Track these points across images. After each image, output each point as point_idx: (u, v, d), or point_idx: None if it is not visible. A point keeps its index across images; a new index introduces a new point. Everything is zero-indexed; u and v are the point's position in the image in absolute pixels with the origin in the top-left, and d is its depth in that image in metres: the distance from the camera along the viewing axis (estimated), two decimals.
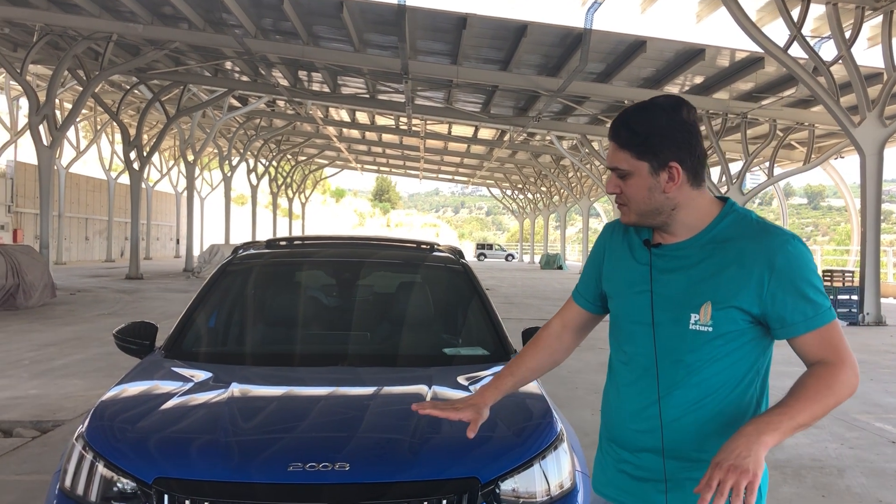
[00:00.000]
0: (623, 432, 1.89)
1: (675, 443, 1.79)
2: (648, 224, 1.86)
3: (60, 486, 2.54)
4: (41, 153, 22.83)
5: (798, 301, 1.73)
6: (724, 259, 1.78)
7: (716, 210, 1.85)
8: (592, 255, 2.09)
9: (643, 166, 1.80)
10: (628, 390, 1.88)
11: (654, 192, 1.81)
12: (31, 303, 17.59)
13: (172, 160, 54.87)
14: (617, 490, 1.90)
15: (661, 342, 1.82)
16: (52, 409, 7.32)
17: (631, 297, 1.89)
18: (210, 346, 3.77)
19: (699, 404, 1.78)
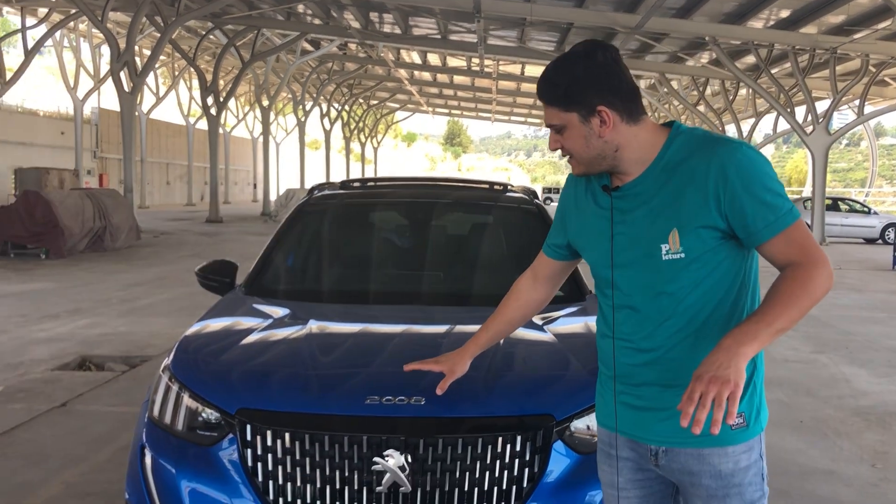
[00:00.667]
0: (620, 368, 1.89)
1: (671, 372, 1.80)
2: (598, 171, 1.87)
3: (149, 416, 2.65)
4: (123, 99, 23.47)
5: (757, 207, 1.71)
6: (679, 182, 1.77)
7: (663, 137, 1.84)
8: (559, 206, 2.10)
9: (573, 117, 1.81)
10: (619, 330, 1.89)
11: (590, 140, 1.81)
12: (118, 244, 18.32)
13: (248, 105, 55.76)
14: (621, 422, 1.92)
15: (639, 279, 1.83)
16: (139, 345, 7.66)
17: (601, 243, 1.89)
18: (288, 284, 3.84)
19: (690, 330, 1.79)
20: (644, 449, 1.90)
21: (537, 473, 2.36)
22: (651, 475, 1.94)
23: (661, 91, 34.71)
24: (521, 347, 2.92)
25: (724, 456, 1.80)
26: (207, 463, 2.41)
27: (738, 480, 1.80)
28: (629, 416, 1.90)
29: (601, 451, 2.03)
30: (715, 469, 1.80)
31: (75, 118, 38.49)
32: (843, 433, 5.34)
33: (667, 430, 1.83)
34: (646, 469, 1.93)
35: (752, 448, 1.82)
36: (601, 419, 2.02)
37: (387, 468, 2.28)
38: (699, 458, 1.81)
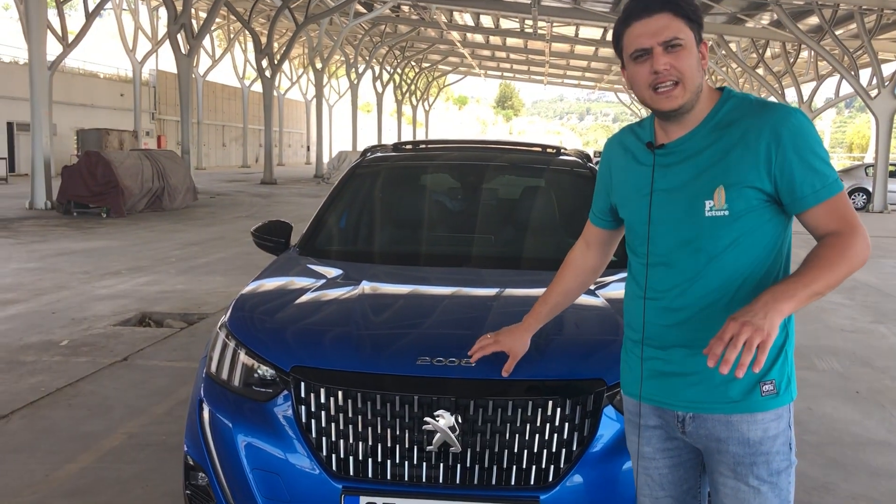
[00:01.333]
0: (650, 329, 1.87)
1: (702, 332, 1.75)
2: (689, 108, 1.78)
3: (207, 371, 2.73)
4: (180, 61, 23.77)
5: (806, 173, 1.70)
6: (729, 141, 1.75)
7: (715, 98, 1.82)
8: (599, 173, 2.09)
9: (691, 37, 1.75)
10: (651, 289, 1.86)
11: (698, 68, 1.76)
12: (175, 205, 18.72)
13: (302, 68, 55.98)
14: (647, 389, 1.90)
15: (678, 235, 1.80)
16: (196, 302, 7.86)
17: (640, 199, 1.87)
18: (341, 245, 3.88)
19: (724, 290, 1.77)
20: (671, 416, 1.88)
21: (587, 437, 2.37)
22: (679, 444, 1.92)
23: (718, 53, 33.77)
24: (572, 312, 2.89)
25: (753, 423, 1.78)
26: (263, 418, 2.47)
27: (765, 448, 1.79)
28: (656, 382, 1.88)
29: (628, 421, 2.02)
30: (743, 436, 1.78)
31: (134, 80, 39.20)
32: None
33: (695, 395, 1.81)
34: (674, 437, 1.92)
35: (780, 416, 1.80)
36: (627, 387, 2.00)
37: (437, 428, 2.31)
38: (727, 424, 1.79)
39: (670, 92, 1.75)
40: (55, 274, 9.43)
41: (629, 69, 1.82)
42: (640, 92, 1.81)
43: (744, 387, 1.77)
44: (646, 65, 1.76)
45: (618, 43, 1.84)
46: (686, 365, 1.82)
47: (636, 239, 1.92)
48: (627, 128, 2.04)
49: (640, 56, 1.77)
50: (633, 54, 1.78)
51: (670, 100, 1.76)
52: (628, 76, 1.83)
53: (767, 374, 1.77)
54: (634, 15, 1.77)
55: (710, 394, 1.79)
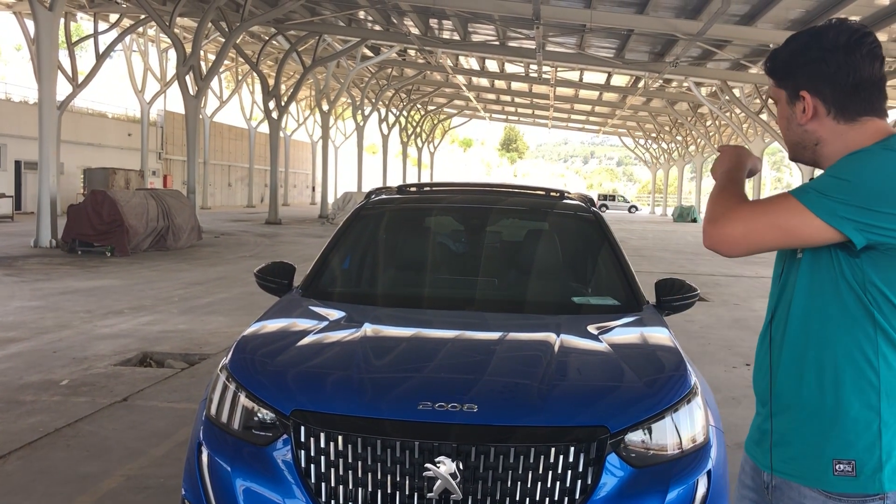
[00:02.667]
0: (756, 386, 1.82)
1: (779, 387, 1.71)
2: (802, 160, 1.78)
3: (206, 414, 2.71)
4: (188, 102, 24.05)
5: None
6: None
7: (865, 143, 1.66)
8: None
9: (781, 94, 1.75)
10: (760, 341, 1.82)
11: (791, 124, 1.74)
12: (180, 244, 18.77)
13: (308, 110, 56.61)
14: (749, 442, 1.84)
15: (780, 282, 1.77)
16: (198, 343, 7.83)
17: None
18: (344, 287, 3.88)
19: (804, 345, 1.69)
20: (761, 478, 1.78)
21: (590, 486, 2.33)
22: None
23: (722, 99, 34.07)
24: (575, 357, 2.89)
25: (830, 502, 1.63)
26: (262, 462, 2.44)
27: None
28: (754, 436, 1.81)
29: (738, 475, 1.93)
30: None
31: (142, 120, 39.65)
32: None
33: (776, 456, 1.71)
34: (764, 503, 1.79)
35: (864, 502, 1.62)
36: (746, 445, 1.89)
37: (438, 475, 2.28)
38: (801, 497, 1.67)
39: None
40: (57, 313, 9.42)
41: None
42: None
43: (818, 458, 1.64)
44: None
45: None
46: (769, 424, 1.74)
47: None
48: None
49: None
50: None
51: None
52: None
53: (845, 453, 1.62)
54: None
55: (787, 457, 1.69)
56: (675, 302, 3.59)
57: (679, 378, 2.68)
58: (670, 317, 3.61)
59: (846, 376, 1.62)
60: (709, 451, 2.54)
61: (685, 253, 22.64)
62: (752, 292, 13.60)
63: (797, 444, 1.67)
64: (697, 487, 2.45)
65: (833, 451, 1.62)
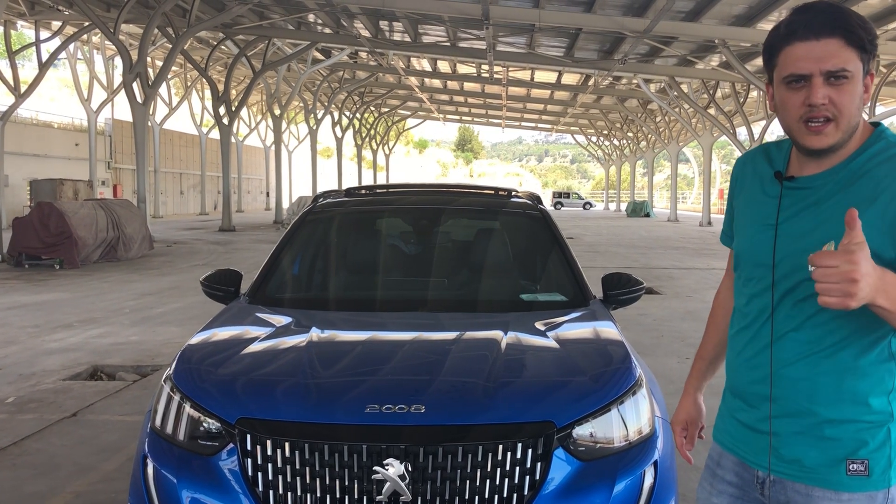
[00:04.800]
0: (737, 380, 1.75)
1: (784, 390, 1.62)
2: (837, 149, 1.57)
3: (151, 426, 2.66)
4: (135, 110, 23.62)
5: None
6: (857, 193, 1.54)
7: (866, 135, 1.60)
8: (729, 191, 1.89)
9: (860, 69, 1.51)
10: (743, 334, 1.72)
11: (859, 105, 1.53)
12: (131, 254, 18.43)
13: (260, 115, 56.04)
14: (732, 439, 1.78)
15: (782, 283, 1.62)
16: (150, 354, 7.70)
17: (754, 234, 1.69)
18: (291, 292, 3.85)
19: (815, 349, 1.59)
20: (751, 474, 1.73)
21: (538, 481, 2.35)
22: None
23: (671, 95, 34.59)
24: (522, 354, 2.91)
25: (836, 501, 1.60)
26: (208, 473, 2.41)
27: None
28: (741, 434, 1.74)
29: (707, 467, 1.88)
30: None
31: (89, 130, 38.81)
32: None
33: (776, 457, 1.66)
34: (749, 499, 1.76)
35: (874, 500, 1.59)
36: (716, 433, 1.86)
37: (387, 477, 2.27)
38: (807, 497, 1.62)
39: (822, 128, 1.53)
40: (3, 329, 9.17)
41: (779, 92, 1.59)
42: (788, 121, 1.59)
43: (828, 460, 1.60)
44: (801, 93, 1.53)
45: (769, 58, 1.60)
46: (768, 424, 1.66)
47: (742, 275, 1.75)
48: (762, 147, 1.81)
49: (795, 81, 1.54)
50: (788, 78, 1.55)
51: (820, 138, 1.54)
52: (778, 100, 1.60)
53: (859, 452, 1.58)
54: (798, 34, 1.52)
55: (790, 459, 1.64)
56: (621, 296, 3.63)
57: (624, 371, 2.71)
58: (626, 310, 3.65)
59: (864, 380, 1.58)
60: (655, 442, 2.58)
61: (639, 247, 22.93)
62: (703, 284, 13.84)
63: (805, 447, 1.62)
64: (644, 478, 2.48)
65: (846, 452, 1.59)
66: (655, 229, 34.40)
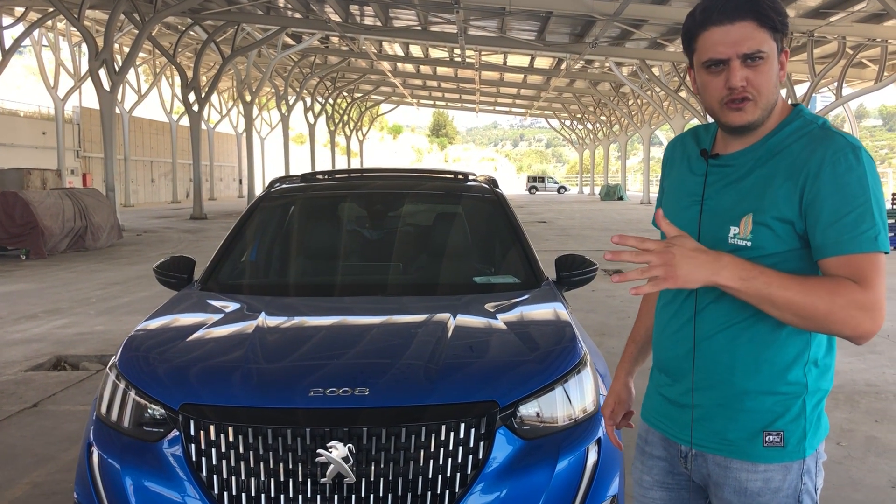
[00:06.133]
0: (663, 356, 1.78)
1: (705, 362, 1.65)
2: (757, 126, 1.61)
3: (97, 414, 2.66)
4: (102, 98, 23.30)
5: (837, 219, 1.49)
6: (775, 168, 1.58)
7: (785, 114, 1.65)
8: (661, 176, 1.92)
9: (774, 48, 1.57)
10: (668, 309, 1.75)
11: (776, 83, 1.59)
12: (99, 244, 18.23)
13: (231, 101, 55.46)
14: (657, 415, 1.81)
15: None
16: (115, 343, 7.62)
17: (680, 211, 1.71)
18: (243, 278, 3.84)
19: (733, 320, 1.62)
20: (675, 448, 1.77)
21: (481, 460, 2.37)
22: (682, 480, 1.81)
23: (642, 78, 34.72)
24: (468, 335, 2.93)
25: (753, 472, 1.64)
26: (153, 459, 2.41)
27: (765, 500, 1.64)
28: (664, 410, 1.78)
29: (637, 445, 1.92)
30: (740, 485, 1.65)
31: (56, 118, 38.20)
32: None
33: (696, 430, 1.69)
34: (677, 473, 1.80)
35: (789, 471, 1.63)
36: (643, 411, 1.89)
37: (330, 459, 2.29)
38: (725, 468, 1.67)
39: (741, 105, 1.58)
40: None
41: (700, 76, 1.63)
42: (710, 103, 1.64)
43: (746, 432, 1.64)
44: (720, 76, 1.58)
45: (688, 44, 1.65)
46: (689, 397, 1.69)
47: None
48: (692, 130, 1.85)
49: (714, 66, 1.58)
50: (707, 63, 1.59)
51: (740, 114, 1.59)
52: (699, 83, 1.65)
53: (775, 424, 1.62)
54: (713, 19, 1.56)
55: (710, 432, 1.68)
56: (573, 277, 3.66)
57: (569, 349, 2.74)
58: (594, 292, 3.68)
59: (780, 352, 1.62)
60: (599, 420, 2.61)
61: (611, 230, 23.06)
62: None
63: (725, 419, 1.65)
64: (588, 456, 2.51)
65: (763, 424, 1.62)
66: (628, 212, 34.60)
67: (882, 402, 5.66)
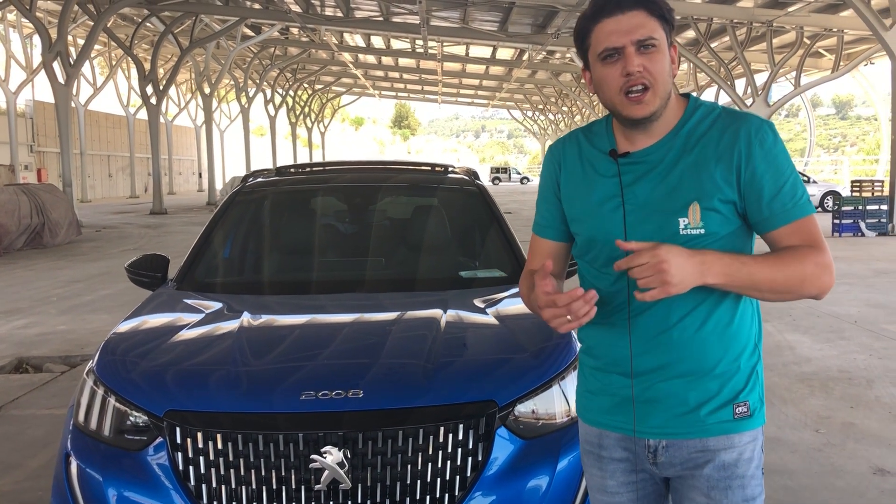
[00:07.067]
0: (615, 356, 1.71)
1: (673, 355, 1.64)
2: (659, 115, 1.63)
3: (74, 422, 2.53)
4: (57, 91, 22.71)
5: (777, 189, 1.60)
6: (702, 154, 1.63)
7: (682, 105, 1.70)
8: (545, 180, 1.84)
9: (664, 37, 1.62)
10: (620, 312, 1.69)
11: (669, 73, 1.63)
12: (58, 241, 17.78)
13: (190, 93, 54.52)
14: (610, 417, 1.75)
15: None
16: (79, 343, 7.42)
17: (606, 213, 1.68)
18: (220, 277, 3.72)
19: (697, 311, 1.64)
20: (640, 445, 1.73)
21: (481, 462, 2.30)
22: (644, 476, 1.78)
23: None
24: (462, 332, 2.85)
25: (730, 447, 1.68)
26: (136, 469, 2.30)
27: (741, 472, 1.69)
28: (624, 409, 1.72)
29: (587, 453, 1.84)
30: (720, 460, 1.68)
31: (8, 112, 37.17)
32: (789, 400, 5.42)
33: (667, 421, 1.68)
34: (640, 470, 1.77)
35: (755, 439, 1.71)
36: (588, 416, 1.82)
37: (325, 465, 2.20)
38: (703, 451, 1.68)
39: (642, 97, 1.60)
40: None
41: (596, 71, 1.65)
42: (609, 96, 1.64)
43: (719, 409, 1.67)
44: (616, 66, 1.60)
45: (582, 41, 1.67)
46: (657, 390, 1.68)
47: (601, 258, 1.72)
48: (578, 132, 1.83)
49: (609, 56, 1.61)
50: (603, 54, 1.61)
51: (642, 107, 1.61)
52: (596, 78, 1.66)
53: (740, 396, 1.67)
54: (606, 11, 1.61)
55: (683, 419, 1.67)
56: None
57: (564, 345, 2.67)
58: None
59: (740, 329, 1.67)
60: None
61: None
62: None
63: (698, 404, 1.66)
64: None
65: (732, 398, 1.67)
66: None
67: (855, 387, 5.72)
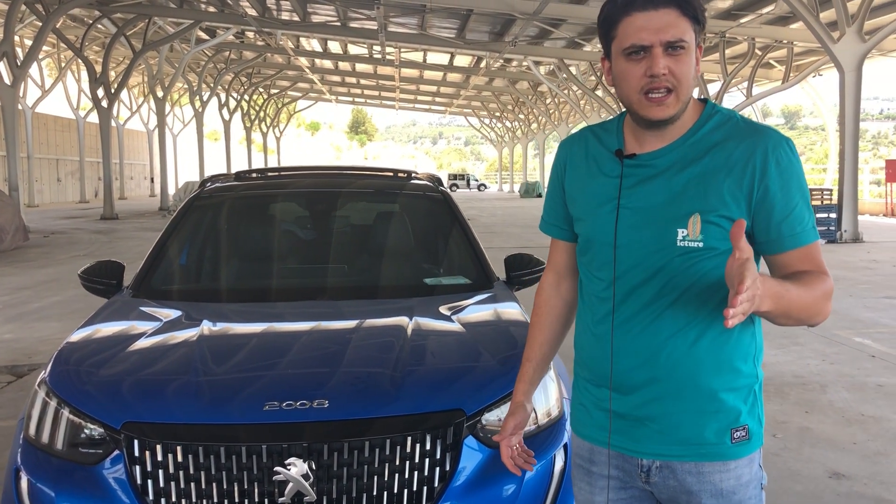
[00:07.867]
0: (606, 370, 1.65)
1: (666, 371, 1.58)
2: (676, 120, 1.57)
3: (24, 435, 2.42)
4: (3, 92, 22.11)
5: (787, 212, 1.53)
6: (711, 164, 1.55)
7: (699, 109, 1.62)
8: (553, 178, 1.80)
9: (694, 41, 1.53)
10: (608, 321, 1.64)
11: (694, 76, 1.55)
12: (3, 247, 17.27)
13: (142, 97, 53.57)
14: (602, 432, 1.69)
15: (646, 262, 1.58)
16: (27, 352, 7.19)
17: (604, 215, 1.63)
18: (179, 284, 3.62)
19: (691, 327, 1.57)
20: (633, 464, 1.67)
21: (449, 472, 2.27)
22: (635, 493, 1.72)
23: (560, 77, 35.22)
24: (427, 340, 2.82)
25: (726, 472, 1.61)
26: (91, 483, 2.21)
27: (739, 498, 1.62)
28: (616, 425, 1.66)
29: (578, 467, 1.80)
30: (716, 487, 1.61)
31: None
32: None
33: (661, 442, 1.62)
34: (630, 486, 1.71)
35: (753, 460, 1.64)
36: (581, 430, 1.77)
37: (289, 477, 2.14)
38: (698, 475, 1.61)
39: (663, 100, 1.52)
40: None
41: (618, 65, 1.56)
42: (628, 93, 1.56)
43: (717, 433, 1.60)
44: (641, 64, 1.52)
45: (607, 31, 1.58)
46: (651, 408, 1.61)
47: (596, 261, 1.67)
48: (588, 130, 1.77)
49: (635, 53, 1.52)
50: (628, 49, 1.53)
51: (662, 108, 1.53)
52: (616, 72, 1.58)
53: (739, 420, 1.60)
54: (637, 3, 1.51)
55: (679, 441, 1.61)
56: (524, 276, 3.60)
57: None
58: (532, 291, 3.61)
59: (736, 348, 1.60)
60: (564, 425, 2.54)
61: (532, 227, 23.30)
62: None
63: (693, 425, 1.60)
64: (555, 462, 2.44)
65: (729, 421, 1.60)
66: None
67: (810, 392, 5.82)
